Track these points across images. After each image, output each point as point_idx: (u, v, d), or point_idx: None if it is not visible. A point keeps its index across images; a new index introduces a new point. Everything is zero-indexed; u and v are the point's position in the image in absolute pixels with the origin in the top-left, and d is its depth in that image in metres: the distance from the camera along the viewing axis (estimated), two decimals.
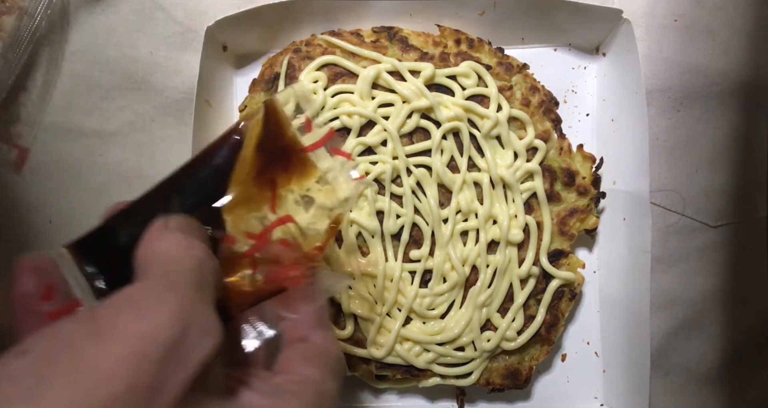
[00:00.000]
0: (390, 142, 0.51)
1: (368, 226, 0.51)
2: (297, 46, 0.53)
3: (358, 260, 0.51)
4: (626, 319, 0.52)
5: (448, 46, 0.53)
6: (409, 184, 0.51)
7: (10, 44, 0.52)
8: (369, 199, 0.51)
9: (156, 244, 0.28)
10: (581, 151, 0.54)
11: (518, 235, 0.51)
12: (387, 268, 0.51)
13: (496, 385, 0.52)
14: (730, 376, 0.54)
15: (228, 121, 0.56)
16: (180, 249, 0.27)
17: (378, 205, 0.51)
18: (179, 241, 0.28)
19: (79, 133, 0.55)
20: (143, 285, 0.26)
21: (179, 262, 0.27)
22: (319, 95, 0.51)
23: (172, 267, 0.26)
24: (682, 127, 0.55)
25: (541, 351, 0.52)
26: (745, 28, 0.54)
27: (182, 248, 0.28)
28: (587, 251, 0.56)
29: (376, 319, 0.51)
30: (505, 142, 0.52)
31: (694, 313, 0.54)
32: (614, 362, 0.54)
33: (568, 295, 0.52)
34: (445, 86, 0.52)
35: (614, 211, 0.54)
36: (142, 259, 0.28)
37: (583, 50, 0.57)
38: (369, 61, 0.52)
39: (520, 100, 0.53)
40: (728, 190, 0.54)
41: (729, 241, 0.54)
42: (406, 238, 0.51)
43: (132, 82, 0.55)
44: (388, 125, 0.51)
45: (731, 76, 0.54)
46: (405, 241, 0.51)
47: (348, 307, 0.51)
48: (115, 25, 0.55)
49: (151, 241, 0.28)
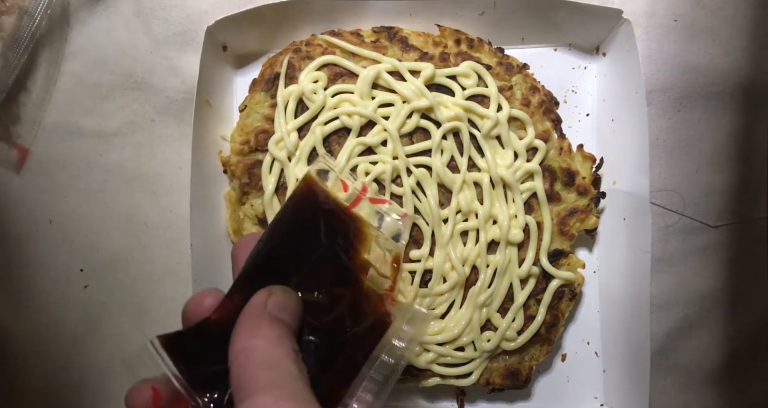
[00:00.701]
0: (390, 142, 0.51)
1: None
2: (297, 46, 0.53)
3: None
4: (626, 319, 0.52)
5: (448, 46, 0.53)
6: (409, 184, 0.51)
7: (10, 44, 0.53)
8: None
9: (250, 341, 0.28)
10: (581, 151, 0.54)
11: (518, 235, 0.51)
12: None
13: (496, 385, 0.52)
14: (730, 376, 0.54)
15: (228, 121, 0.56)
16: (273, 350, 0.28)
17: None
18: (271, 340, 0.28)
19: (79, 133, 0.55)
20: (272, 400, 0.26)
21: (280, 366, 0.27)
22: (319, 95, 0.51)
23: (279, 374, 0.27)
24: (682, 127, 0.55)
25: (541, 351, 0.52)
26: (745, 28, 0.54)
27: (274, 348, 0.28)
28: (587, 251, 0.56)
29: None
30: (505, 142, 0.52)
31: (694, 313, 0.54)
32: (614, 362, 0.54)
33: (568, 295, 0.52)
34: (445, 86, 0.52)
35: (614, 211, 0.54)
36: (238, 359, 0.28)
37: (583, 50, 0.57)
38: (369, 61, 0.52)
39: (520, 100, 0.53)
40: (728, 190, 0.54)
41: (729, 241, 0.54)
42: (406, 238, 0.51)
43: (132, 82, 0.55)
44: (388, 125, 0.51)
45: (731, 76, 0.54)
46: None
47: None
48: (115, 25, 0.55)
49: (245, 336, 0.28)
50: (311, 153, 0.52)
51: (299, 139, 0.52)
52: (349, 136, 0.51)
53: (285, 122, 0.51)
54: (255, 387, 0.26)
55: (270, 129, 0.52)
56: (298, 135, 0.52)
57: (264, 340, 0.28)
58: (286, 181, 0.52)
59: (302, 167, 0.51)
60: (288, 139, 0.51)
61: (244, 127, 0.53)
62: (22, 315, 0.54)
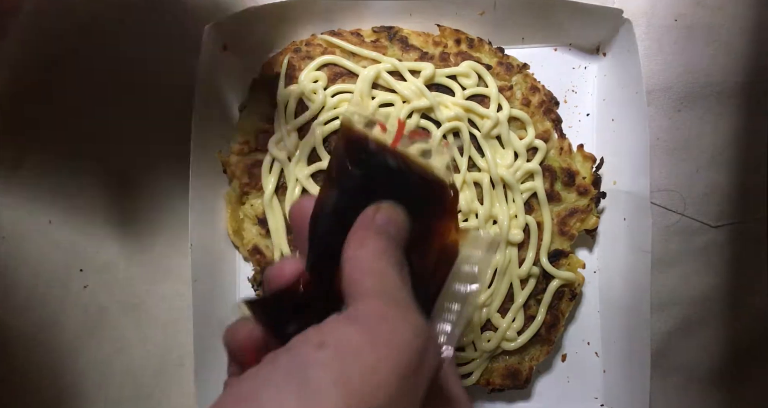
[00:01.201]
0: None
1: None
2: (297, 46, 0.53)
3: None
4: (626, 319, 0.52)
5: (448, 46, 0.53)
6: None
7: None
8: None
9: (357, 251, 0.29)
10: (581, 151, 0.54)
11: (518, 235, 0.51)
12: None
13: (497, 385, 0.52)
14: (731, 376, 0.54)
15: (228, 121, 0.56)
16: (378, 260, 0.29)
17: None
18: (376, 251, 0.29)
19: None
20: (379, 304, 0.27)
21: (384, 275, 0.28)
22: (319, 95, 0.51)
23: (383, 282, 0.28)
24: (683, 127, 0.54)
25: (542, 351, 0.52)
26: (745, 28, 0.54)
27: (379, 258, 0.29)
28: (587, 251, 0.56)
29: None
30: (506, 142, 0.52)
31: (694, 313, 0.54)
32: (614, 362, 0.54)
33: (568, 295, 0.52)
34: (445, 86, 0.52)
35: (614, 211, 0.54)
36: (347, 266, 0.29)
37: (583, 50, 0.57)
38: (369, 61, 0.52)
39: (520, 100, 0.53)
40: (728, 190, 0.54)
41: (729, 241, 0.54)
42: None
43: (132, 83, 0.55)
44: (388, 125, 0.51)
45: (731, 76, 0.54)
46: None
47: None
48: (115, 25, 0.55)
49: (354, 245, 0.30)
50: (311, 153, 0.52)
51: (299, 139, 0.51)
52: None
53: (285, 122, 0.51)
54: (361, 292, 0.27)
55: (270, 129, 0.52)
56: (298, 135, 0.52)
57: (370, 250, 0.29)
58: (286, 181, 0.52)
59: (302, 167, 0.51)
60: (288, 139, 0.51)
61: (244, 127, 0.53)
62: (22, 315, 0.54)
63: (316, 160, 0.52)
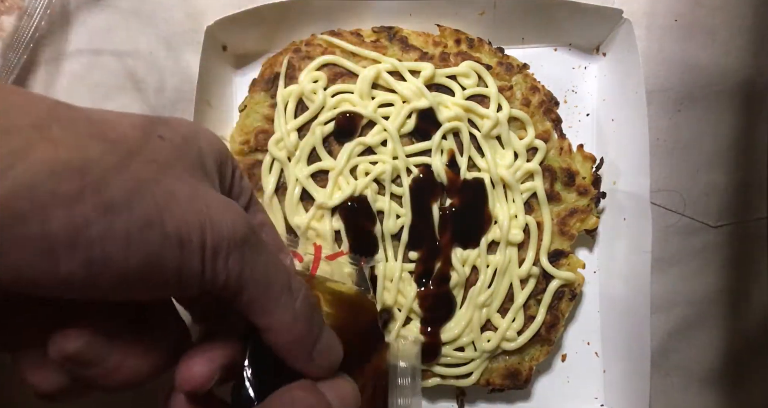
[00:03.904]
0: (390, 142, 0.51)
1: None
2: (297, 46, 0.53)
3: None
4: (626, 319, 0.52)
5: (448, 46, 0.53)
6: (409, 184, 0.51)
7: (10, 44, 0.52)
8: (369, 199, 0.51)
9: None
10: (581, 151, 0.54)
11: (518, 235, 0.51)
12: (387, 269, 0.51)
13: (496, 385, 0.52)
14: (731, 376, 0.54)
15: (228, 121, 0.56)
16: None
17: (378, 205, 0.51)
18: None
19: None
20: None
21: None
22: (318, 95, 0.51)
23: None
24: (683, 127, 0.54)
25: (541, 351, 0.52)
26: (745, 28, 0.54)
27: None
28: (587, 251, 0.56)
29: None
30: (505, 142, 0.52)
31: (694, 313, 0.54)
32: (614, 362, 0.54)
33: (568, 295, 0.52)
34: (445, 86, 0.52)
35: (614, 212, 0.54)
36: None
37: (583, 50, 0.57)
38: (369, 61, 0.52)
39: (520, 100, 0.53)
40: (728, 190, 0.54)
41: (729, 241, 0.54)
42: (405, 238, 0.51)
43: (132, 82, 0.55)
44: (388, 125, 0.51)
45: (731, 76, 0.54)
46: (405, 242, 0.51)
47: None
48: (115, 25, 0.55)
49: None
50: (311, 153, 0.52)
51: (299, 139, 0.51)
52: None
53: (285, 122, 0.51)
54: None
55: (270, 129, 0.52)
56: (298, 135, 0.52)
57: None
58: (286, 181, 0.52)
59: (302, 167, 0.51)
60: (288, 139, 0.51)
61: (244, 127, 0.53)
62: None
63: (316, 160, 0.52)
